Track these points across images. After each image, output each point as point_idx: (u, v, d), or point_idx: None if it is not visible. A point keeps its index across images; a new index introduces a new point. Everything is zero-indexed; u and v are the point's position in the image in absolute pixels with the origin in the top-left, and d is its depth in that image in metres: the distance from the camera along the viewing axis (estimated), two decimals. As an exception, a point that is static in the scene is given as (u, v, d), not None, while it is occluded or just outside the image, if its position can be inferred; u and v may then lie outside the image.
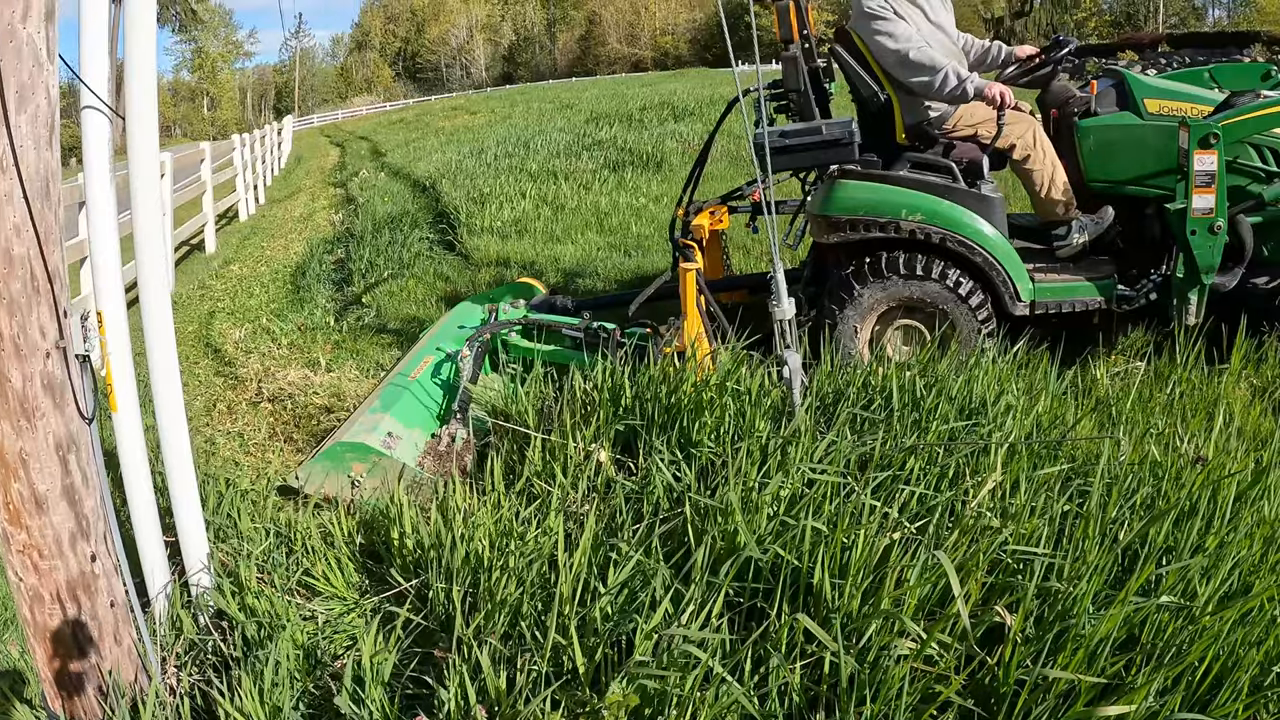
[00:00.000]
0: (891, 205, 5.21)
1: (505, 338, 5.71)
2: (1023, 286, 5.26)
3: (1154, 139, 5.21)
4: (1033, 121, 5.40)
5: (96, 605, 2.85)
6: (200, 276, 11.43)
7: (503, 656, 2.79)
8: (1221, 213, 4.84)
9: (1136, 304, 5.27)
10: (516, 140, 19.71)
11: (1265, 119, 4.92)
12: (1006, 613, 2.57)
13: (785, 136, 5.27)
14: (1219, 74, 6.28)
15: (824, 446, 3.51)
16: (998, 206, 5.29)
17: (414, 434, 4.94)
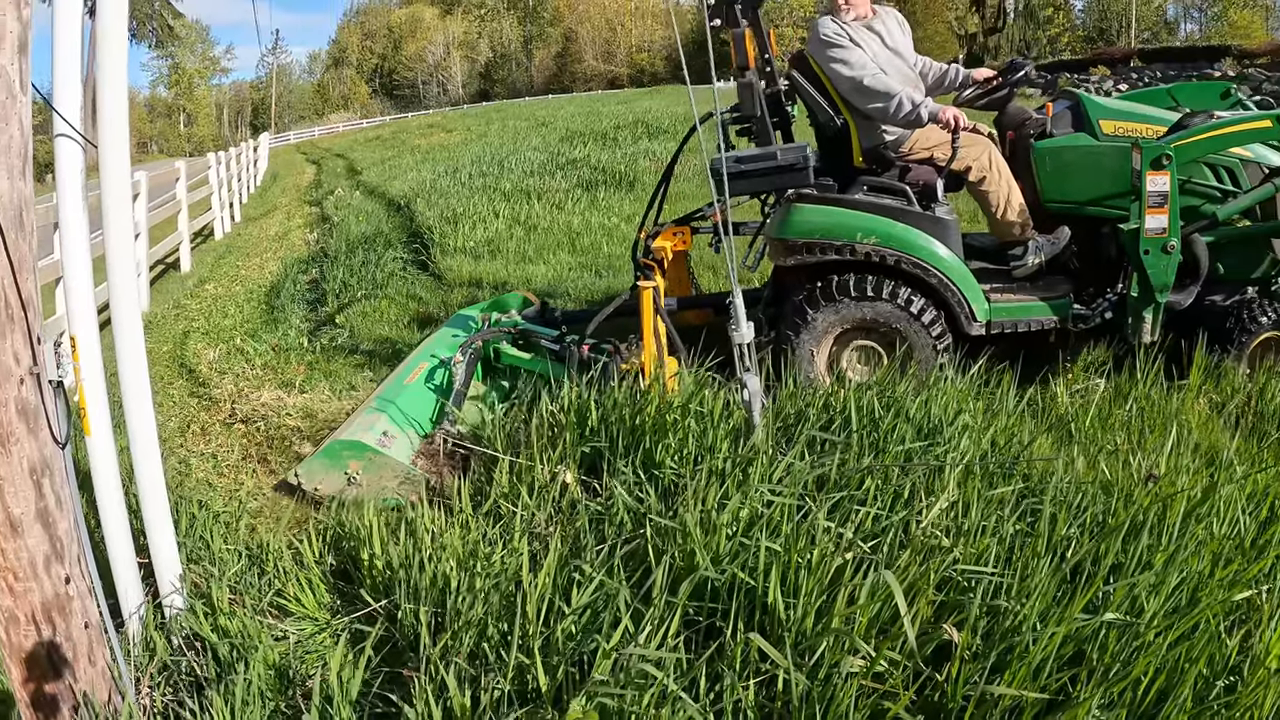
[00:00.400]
0: (846, 228, 5.31)
1: (496, 345, 5.84)
2: (978, 307, 5.35)
3: (1109, 160, 5.32)
4: (988, 143, 5.51)
5: (71, 626, 2.91)
6: (175, 296, 11.44)
7: (468, 675, 2.85)
8: (1174, 232, 4.94)
9: (1092, 323, 5.38)
10: (491, 159, 19.80)
11: (1217, 140, 5.02)
12: (954, 630, 2.66)
13: (741, 161, 5.36)
14: (1179, 93, 6.41)
15: (782, 468, 3.60)
16: (952, 228, 5.40)
17: (409, 434, 5.10)
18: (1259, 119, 5.02)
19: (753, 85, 5.45)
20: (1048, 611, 2.79)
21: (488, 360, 5.92)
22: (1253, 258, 5.38)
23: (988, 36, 48.86)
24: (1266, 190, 5.13)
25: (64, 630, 2.89)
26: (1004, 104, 5.75)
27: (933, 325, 5.31)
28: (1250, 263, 5.39)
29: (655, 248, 5.89)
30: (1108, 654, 2.70)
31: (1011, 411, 4.51)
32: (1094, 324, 5.39)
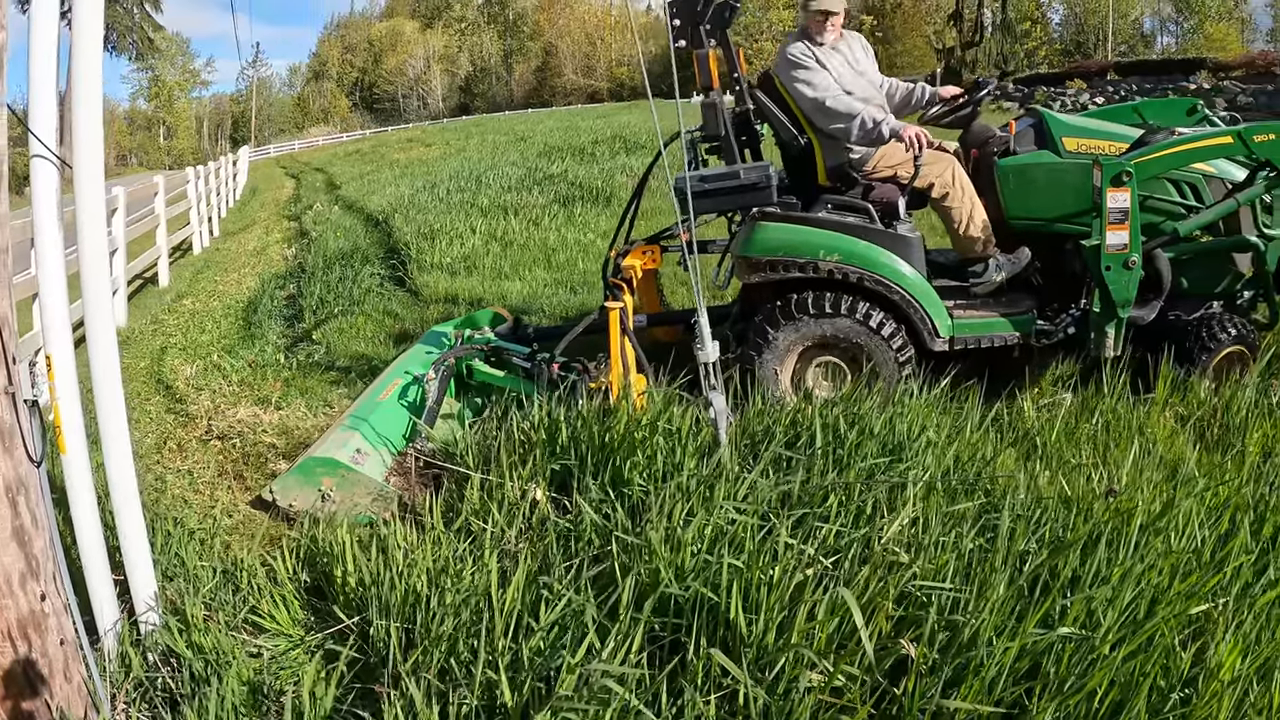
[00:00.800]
0: (809, 246, 5.38)
1: (469, 362, 5.89)
2: (941, 323, 5.43)
3: (1071, 177, 5.40)
4: (951, 161, 5.60)
5: (47, 643, 2.95)
6: (153, 311, 11.45)
7: (438, 692, 2.91)
8: (1135, 248, 5.01)
9: (1055, 338, 5.46)
10: (469, 174, 19.84)
11: (1178, 156, 5.10)
12: (910, 645, 2.73)
13: (705, 180, 5.44)
14: (1145, 109, 6.50)
15: (747, 485, 3.67)
16: (915, 245, 5.47)
17: (382, 452, 5.13)
18: (1220, 135, 5.10)
19: (716, 105, 5.53)
20: (1003, 626, 2.86)
21: (461, 377, 5.96)
22: (1216, 272, 5.47)
23: (965, 50, 49.14)
24: (1228, 206, 5.21)
25: (40, 647, 2.93)
26: (969, 122, 5.83)
27: (895, 341, 5.38)
28: (1214, 277, 5.48)
29: (624, 266, 5.95)
30: (1063, 667, 2.76)
31: (976, 427, 4.58)
32: (1057, 339, 5.46)
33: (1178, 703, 2.74)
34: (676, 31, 5.40)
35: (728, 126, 5.55)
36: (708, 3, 5.38)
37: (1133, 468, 4.12)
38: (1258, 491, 3.85)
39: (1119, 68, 42.59)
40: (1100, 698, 2.67)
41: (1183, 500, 3.62)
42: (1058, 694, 2.67)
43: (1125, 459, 4.14)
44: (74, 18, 3.21)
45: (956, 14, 41.11)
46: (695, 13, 5.36)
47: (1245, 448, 4.45)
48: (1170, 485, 3.89)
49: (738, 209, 5.73)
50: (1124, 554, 3.25)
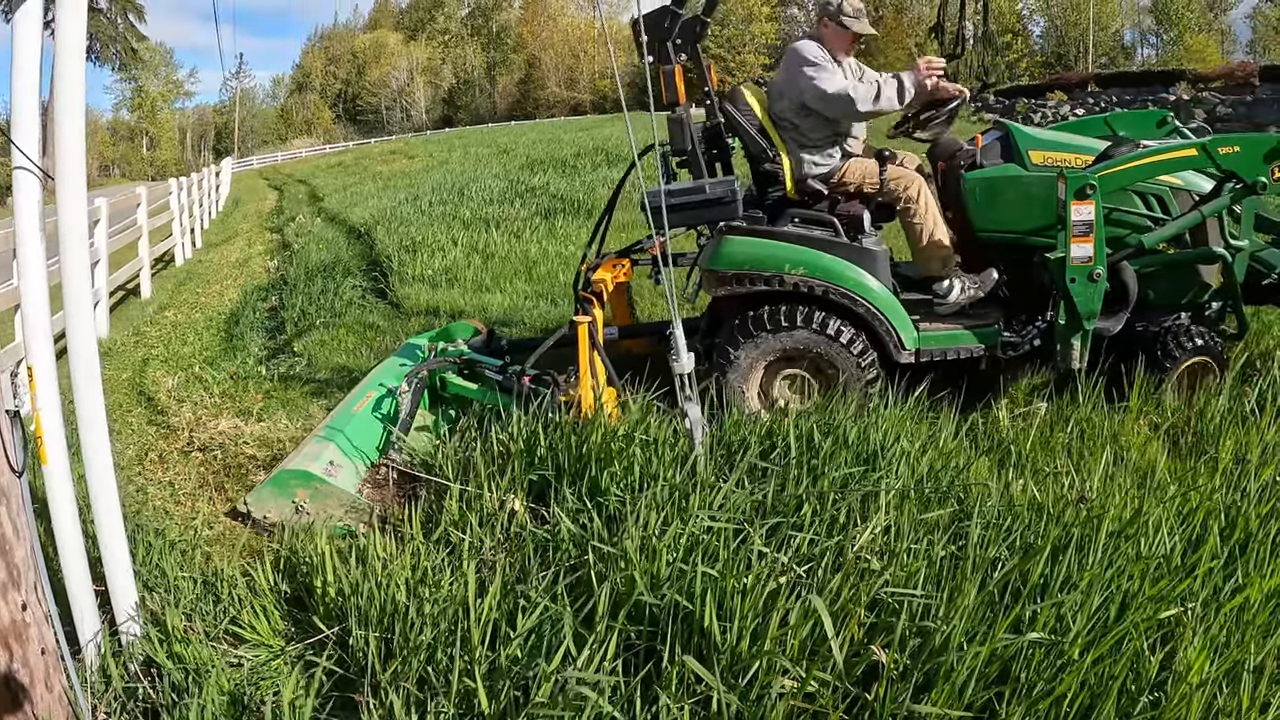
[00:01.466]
0: (775, 260, 5.44)
1: (443, 375, 5.92)
2: (907, 335, 5.49)
3: (1037, 190, 5.46)
4: (916, 176, 5.67)
5: (28, 653, 2.96)
6: (135, 322, 11.44)
7: (416, 700, 2.94)
8: (1100, 261, 5.06)
9: (1021, 350, 5.51)
10: (452, 186, 19.84)
11: (1142, 169, 5.15)
12: (881, 651, 2.77)
13: (671, 195, 5.46)
14: (1116, 121, 6.57)
15: (722, 495, 3.72)
16: (880, 259, 5.53)
17: (355, 463, 5.16)
18: (1184, 148, 5.14)
19: (683, 120, 5.57)
20: (974, 631, 2.91)
21: (435, 389, 6.00)
22: (1184, 283, 5.52)
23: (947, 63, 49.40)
24: (1193, 218, 5.26)
25: (21, 656, 2.95)
26: (938, 135, 5.89)
27: (861, 354, 5.43)
28: (1182, 288, 5.54)
29: (595, 280, 5.99)
30: (1032, 671, 2.81)
31: (951, 437, 4.64)
32: (1023, 351, 5.51)
33: (1147, 705, 2.78)
34: (644, 47, 5.45)
35: (695, 141, 5.59)
36: (675, 19, 5.43)
37: (1104, 475, 4.17)
38: (1229, 497, 3.91)
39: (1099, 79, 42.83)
40: (1070, 701, 2.71)
41: (1153, 507, 3.68)
42: (1027, 698, 2.72)
43: (1097, 466, 4.19)
44: (57, 29, 3.24)
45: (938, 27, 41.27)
46: (663, 29, 5.41)
47: (1218, 454, 4.50)
48: (1141, 492, 3.95)
49: (703, 223, 5.79)
50: (1094, 559, 3.30)
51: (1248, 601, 3.17)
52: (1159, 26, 73.51)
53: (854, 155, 5.80)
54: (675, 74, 5.45)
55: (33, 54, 3.15)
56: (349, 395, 6.06)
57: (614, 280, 6.18)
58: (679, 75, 5.46)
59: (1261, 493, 3.97)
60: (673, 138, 5.65)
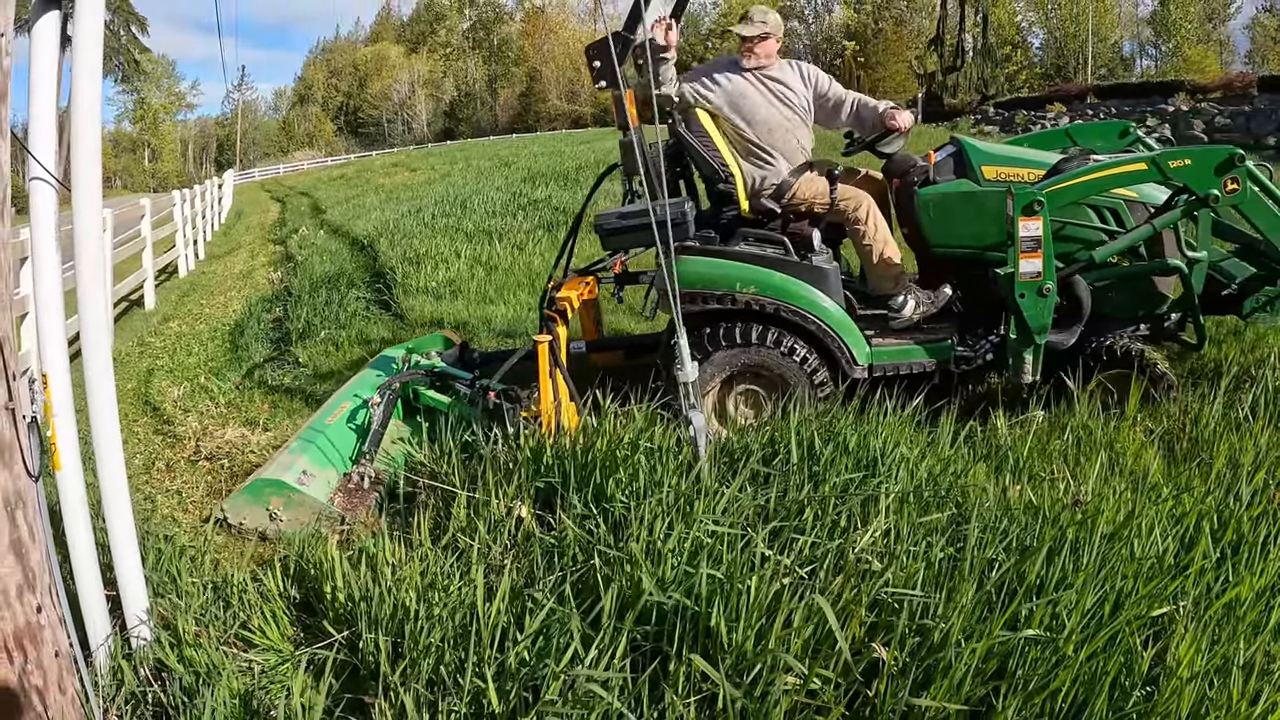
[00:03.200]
0: (727, 279, 5.51)
1: (415, 387, 6.02)
2: (859, 351, 5.55)
3: (989, 205, 5.49)
4: (865, 196, 5.72)
5: (42, 655, 3.02)
6: (140, 333, 11.50)
7: (426, 700, 2.99)
8: (1050, 275, 5.08)
9: (975, 364, 5.56)
10: (454, 199, 19.88)
11: (1091, 184, 5.15)
12: (881, 648, 2.83)
13: (623, 218, 5.55)
14: (1077, 133, 6.61)
15: (726, 500, 3.78)
16: (831, 276, 5.59)
17: (327, 473, 5.30)
18: (1134, 162, 5.14)
19: (635, 144, 5.59)
20: (971, 629, 2.96)
21: (408, 400, 6.10)
22: (1141, 295, 5.53)
23: (946, 75, 49.44)
24: (1145, 231, 5.25)
25: (35, 658, 3.00)
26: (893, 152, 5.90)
27: (812, 370, 5.49)
28: (1139, 300, 5.54)
29: (559, 298, 6.05)
30: (1028, 667, 2.86)
31: (949, 443, 4.69)
32: (976, 365, 5.56)
33: (1140, 699, 2.84)
34: (596, 73, 5.50)
35: (647, 164, 5.64)
36: (626, 45, 5.48)
37: (1099, 480, 4.22)
38: (1222, 500, 3.97)
39: (1098, 91, 42.97)
40: (1064, 696, 2.77)
41: (1146, 509, 3.73)
42: (1023, 692, 2.78)
43: (1093, 471, 4.25)
44: (74, 44, 3.30)
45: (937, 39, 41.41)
46: (614, 54, 5.48)
47: (1212, 459, 4.55)
48: (1135, 495, 4.00)
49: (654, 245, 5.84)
50: (1088, 560, 3.35)
51: (1238, 599, 3.23)
52: (1158, 37, 73.72)
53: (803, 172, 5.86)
54: (626, 99, 5.50)
55: (50, 67, 3.21)
56: (325, 405, 6.17)
57: (579, 298, 6.25)
58: (629, 100, 5.51)
59: (1253, 496, 4.03)
60: (624, 162, 5.70)
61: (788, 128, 5.84)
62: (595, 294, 6.77)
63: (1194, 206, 5.12)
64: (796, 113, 5.88)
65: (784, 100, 5.84)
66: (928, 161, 5.79)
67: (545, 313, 5.86)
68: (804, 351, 5.49)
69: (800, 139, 5.91)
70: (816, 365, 5.51)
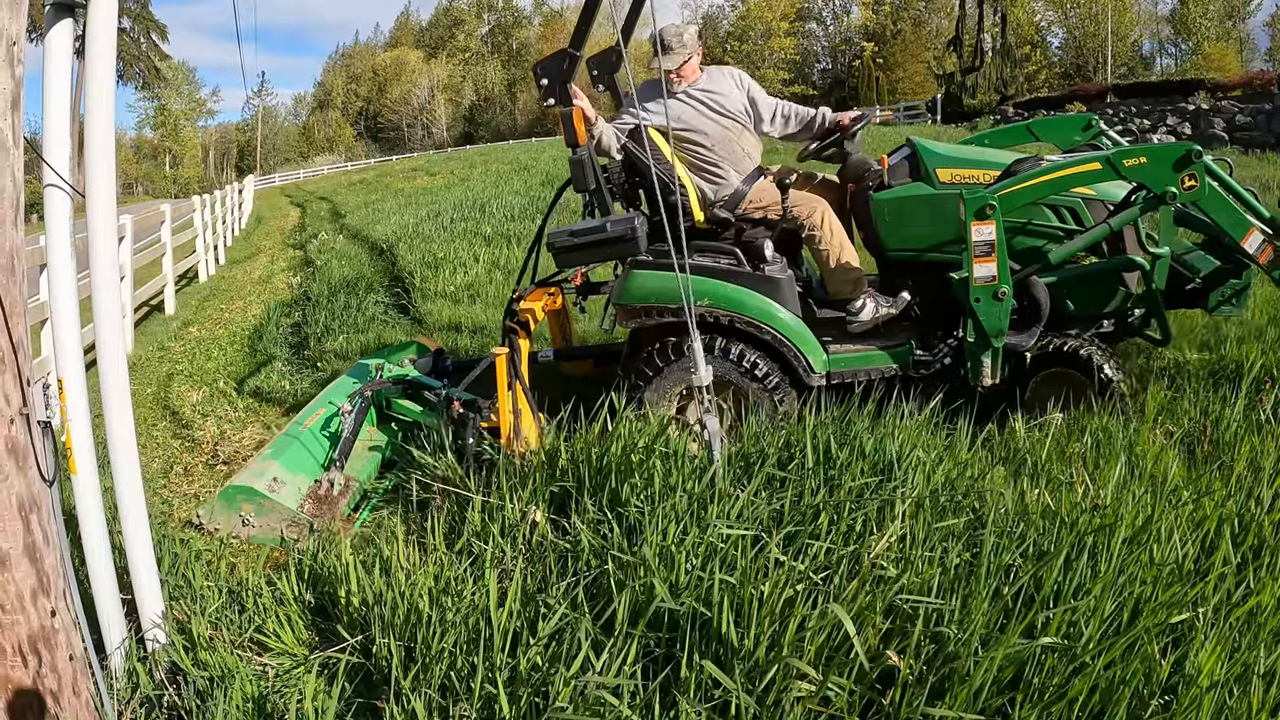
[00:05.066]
0: (679, 292, 5.45)
1: (388, 395, 6.06)
2: (816, 359, 5.53)
3: (944, 209, 5.44)
4: (820, 201, 5.67)
5: (56, 658, 3.03)
6: (160, 338, 11.56)
7: (438, 705, 2.98)
8: (1005, 279, 5.04)
9: (933, 368, 5.53)
10: (473, 203, 19.93)
11: (1044, 186, 5.09)
12: (896, 656, 2.81)
13: (574, 235, 5.50)
14: (1038, 127, 6.58)
15: (740, 504, 3.76)
16: (785, 286, 5.57)
17: (298, 479, 5.37)
18: (1087, 162, 5.07)
19: (584, 161, 5.56)
20: (988, 636, 2.94)
21: (381, 408, 6.15)
22: (1103, 293, 5.48)
23: (965, 76, 49.33)
24: (1101, 231, 5.20)
25: (50, 662, 3.01)
26: (846, 155, 5.84)
27: (769, 380, 5.46)
28: (1101, 298, 5.49)
29: (521, 310, 6.03)
30: (1045, 676, 2.84)
31: (966, 447, 4.66)
32: (935, 369, 5.53)
33: (1158, 708, 2.80)
34: (544, 91, 5.47)
35: (598, 180, 5.61)
36: (573, 62, 5.47)
37: (1119, 483, 4.18)
38: (1243, 504, 3.92)
39: (1118, 90, 42.60)
40: (1082, 704, 2.74)
41: (1166, 513, 3.69)
42: (1040, 701, 2.75)
43: (1112, 475, 4.21)
44: (86, 51, 3.31)
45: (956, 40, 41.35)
46: (562, 71, 5.46)
47: (1233, 463, 4.51)
48: (1155, 500, 3.96)
49: (607, 261, 5.86)
50: (1107, 565, 3.32)
51: (1259, 606, 3.19)
52: (1177, 36, 73.24)
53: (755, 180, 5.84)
54: (574, 116, 5.49)
55: (64, 74, 3.22)
56: (300, 412, 6.21)
57: (544, 309, 6.24)
58: (577, 117, 5.50)
59: (1275, 500, 3.99)
60: (574, 179, 5.65)
61: (730, 137, 5.80)
62: (560, 304, 6.77)
63: (1151, 204, 5.07)
64: (737, 119, 5.82)
65: (720, 110, 5.77)
66: (882, 165, 5.75)
67: (506, 324, 5.85)
68: (760, 362, 5.47)
69: (745, 146, 5.87)
70: (773, 376, 5.49)
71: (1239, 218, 5.12)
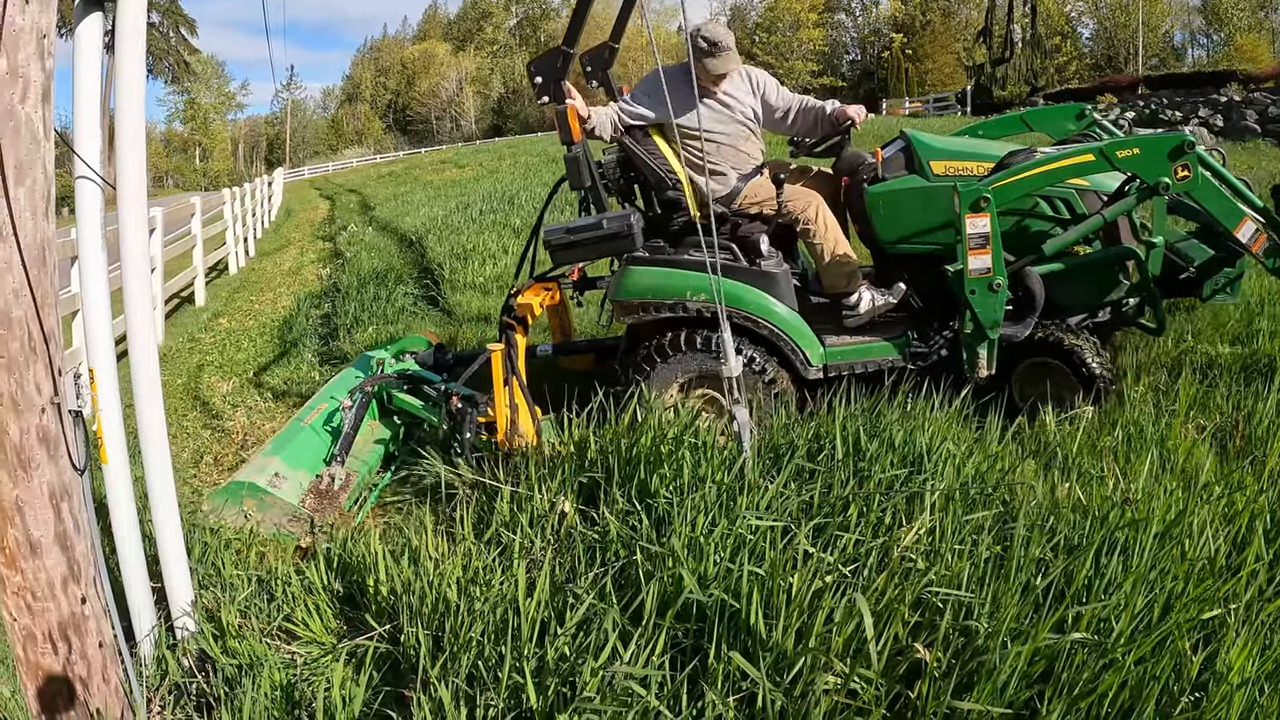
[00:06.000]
0: (676, 288, 5.48)
1: (389, 390, 6.07)
2: (813, 352, 5.52)
3: (938, 201, 5.42)
4: (813, 196, 5.65)
5: (86, 645, 3.05)
6: (190, 329, 11.64)
7: (465, 695, 2.99)
8: (999, 271, 5.02)
9: (930, 360, 5.50)
10: (502, 195, 19.94)
11: (1038, 178, 5.07)
12: (924, 649, 2.79)
13: (570, 232, 5.53)
14: (1031, 117, 6.56)
15: (769, 496, 3.75)
16: (780, 280, 5.55)
17: (299, 475, 5.40)
18: (1081, 153, 5.05)
19: (579, 159, 5.59)
20: (1017, 630, 2.91)
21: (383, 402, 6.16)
22: (1098, 283, 5.46)
23: (995, 67, 48.93)
24: (1095, 222, 5.18)
25: (79, 649, 3.03)
26: (839, 150, 5.82)
27: (766, 374, 5.45)
28: (1096, 288, 5.48)
29: (519, 305, 6.03)
30: (1074, 671, 2.81)
31: (997, 440, 4.63)
32: (931, 361, 5.50)
33: (1188, 705, 2.77)
34: (538, 88, 5.51)
35: (593, 177, 5.62)
36: (567, 59, 5.47)
37: (1150, 477, 4.14)
38: (1276, 500, 3.87)
39: (1149, 81, 42.24)
40: (1110, 700, 2.71)
41: (1198, 508, 3.65)
42: (1068, 696, 2.72)
43: (1143, 469, 4.17)
44: (116, 45, 3.33)
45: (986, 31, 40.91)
46: (556, 69, 5.45)
47: (1266, 457, 4.46)
48: (1187, 494, 3.92)
49: (603, 258, 5.85)
50: (1138, 560, 3.28)
51: (1292, 602, 3.15)
52: (1209, 27, 72.59)
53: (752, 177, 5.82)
54: (569, 114, 5.48)
55: (94, 67, 3.24)
56: (303, 407, 6.23)
57: (541, 304, 6.25)
58: (572, 115, 5.49)
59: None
60: (570, 175, 5.68)
61: (739, 142, 5.81)
62: (559, 299, 6.77)
63: (1145, 195, 5.05)
64: (747, 125, 5.82)
65: (737, 116, 5.77)
66: (876, 159, 5.72)
67: (504, 320, 5.85)
68: (757, 357, 5.46)
69: (750, 151, 5.87)
70: (770, 370, 5.48)
71: (1232, 207, 5.12)
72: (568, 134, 5.52)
